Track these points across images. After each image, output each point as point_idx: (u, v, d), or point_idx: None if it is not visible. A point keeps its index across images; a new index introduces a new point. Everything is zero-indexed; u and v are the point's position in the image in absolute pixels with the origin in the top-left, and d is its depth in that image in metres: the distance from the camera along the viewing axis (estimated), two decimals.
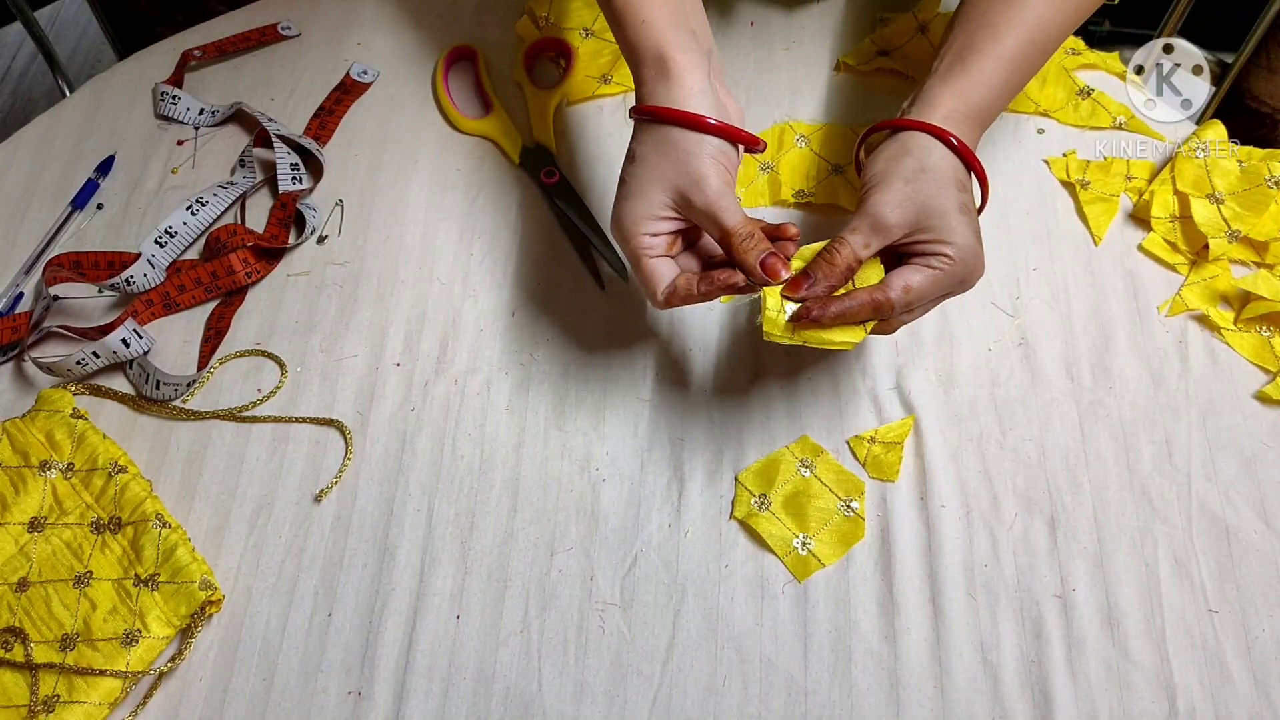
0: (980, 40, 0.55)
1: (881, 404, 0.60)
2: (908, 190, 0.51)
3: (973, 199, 0.53)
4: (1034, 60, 0.57)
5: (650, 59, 0.53)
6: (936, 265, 0.51)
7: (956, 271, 0.51)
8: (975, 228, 0.52)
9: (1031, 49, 0.56)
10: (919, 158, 0.52)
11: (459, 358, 0.63)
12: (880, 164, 0.53)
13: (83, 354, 0.60)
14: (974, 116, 0.54)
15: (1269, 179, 0.65)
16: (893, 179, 0.51)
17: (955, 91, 0.54)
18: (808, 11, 0.78)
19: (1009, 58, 0.55)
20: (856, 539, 0.56)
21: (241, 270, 0.65)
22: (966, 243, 0.51)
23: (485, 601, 0.55)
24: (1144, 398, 0.60)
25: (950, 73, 0.55)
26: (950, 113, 0.53)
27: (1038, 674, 0.52)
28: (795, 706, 0.52)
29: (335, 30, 0.78)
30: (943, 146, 0.52)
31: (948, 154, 0.52)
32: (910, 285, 0.50)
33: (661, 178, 0.52)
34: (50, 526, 0.56)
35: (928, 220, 0.51)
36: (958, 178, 0.52)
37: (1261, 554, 0.56)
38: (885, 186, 0.51)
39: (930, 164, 0.52)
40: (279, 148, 0.69)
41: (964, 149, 0.52)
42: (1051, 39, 0.57)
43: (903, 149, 0.52)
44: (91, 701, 0.51)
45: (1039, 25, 0.56)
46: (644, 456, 0.59)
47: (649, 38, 0.54)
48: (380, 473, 0.59)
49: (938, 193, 0.51)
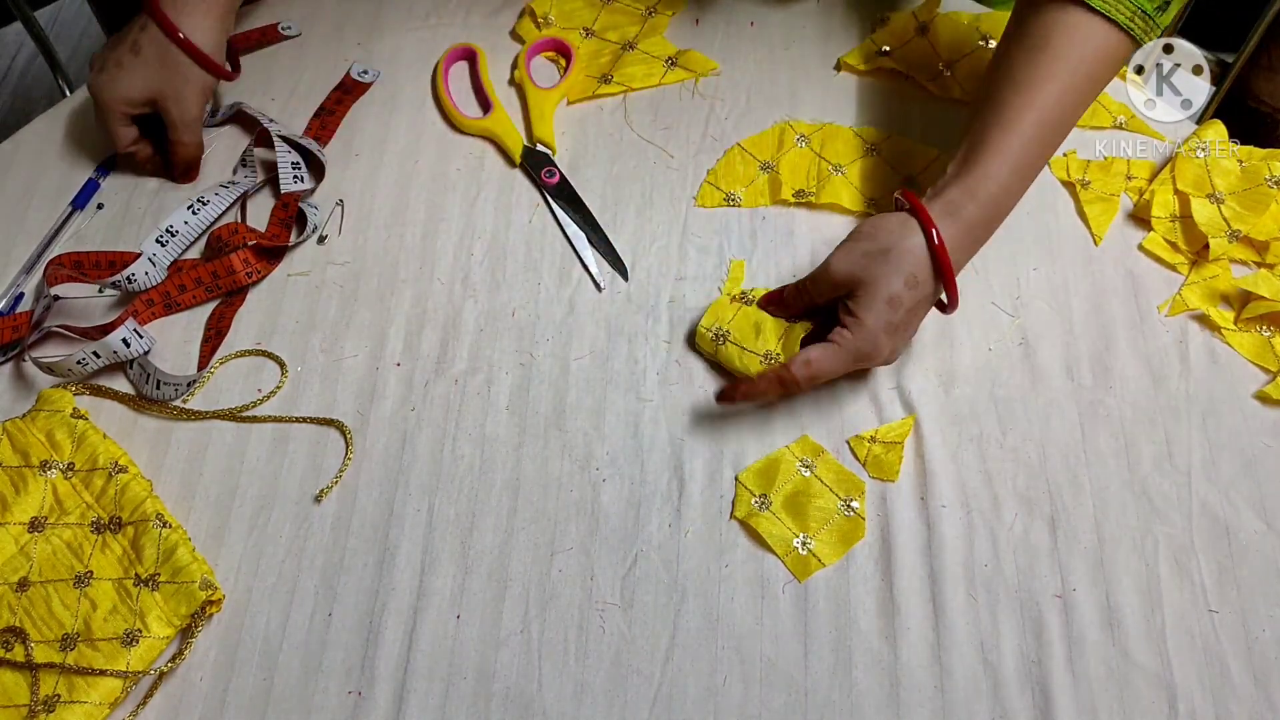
0: (990, 131, 0.57)
1: (881, 404, 0.60)
2: (861, 261, 0.56)
3: (918, 296, 0.56)
4: (1049, 142, 0.59)
5: None
6: (836, 338, 0.56)
7: (850, 347, 0.56)
8: (894, 320, 0.55)
9: (1044, 131, 0.57)
10: (894, 239, 0.56)
11: (459, 358, 0.63)
12: (867, 226, 0.58)
13: (83, 354, 0.60)
14: (982, 210, 0.57)
15: (1269, 179, 0.65)
16: (858, 246, 0.57)
17: (965, 187, 0.57)
18: (808, 11, 0.78)
19: (1019, 146, 0.57)
20: (857, 538, 0.56)
21: (242, 270, 0.65)
22: (871, 326, 0.55)
23: (485, 601, 0.55)
24: (1144, 397, 0.60)
25: (965, 163, 0.58)
26: (953, 208, 0.56)
27: (1038, 674, 0.53)
28: (795, 706, 0.52)
29: (335, 30, 0.78)
30: (921, 238, 0.55)
31: (920, 246, 0.56)
32: (810, 359, 0.56)
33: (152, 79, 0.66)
34: (50, 526, 0.56)
35: (858, 291, 0.56)
36: (913, 272, 0.55)
37: (1262, 554, 0.56)
38: (848, 248, 0.57)
39: (899, 249, 0.55)
40: (280, 147, 0.69)
41: (941, 250, 0.55)
42: (1065, 121, 0.58)
43: (889, 225, 0.57)
44: (92, 701, 0.51)
45: (1051, 109, 0.57)
46: (644, 456, 0.59)
47: None
48: (380, 473, 0.59)
49: (882, 276, 0.55)
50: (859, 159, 0.69)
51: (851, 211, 0.67)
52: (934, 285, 0.56)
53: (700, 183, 0.69)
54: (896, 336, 0.56)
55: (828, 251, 0.66)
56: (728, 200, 0.68)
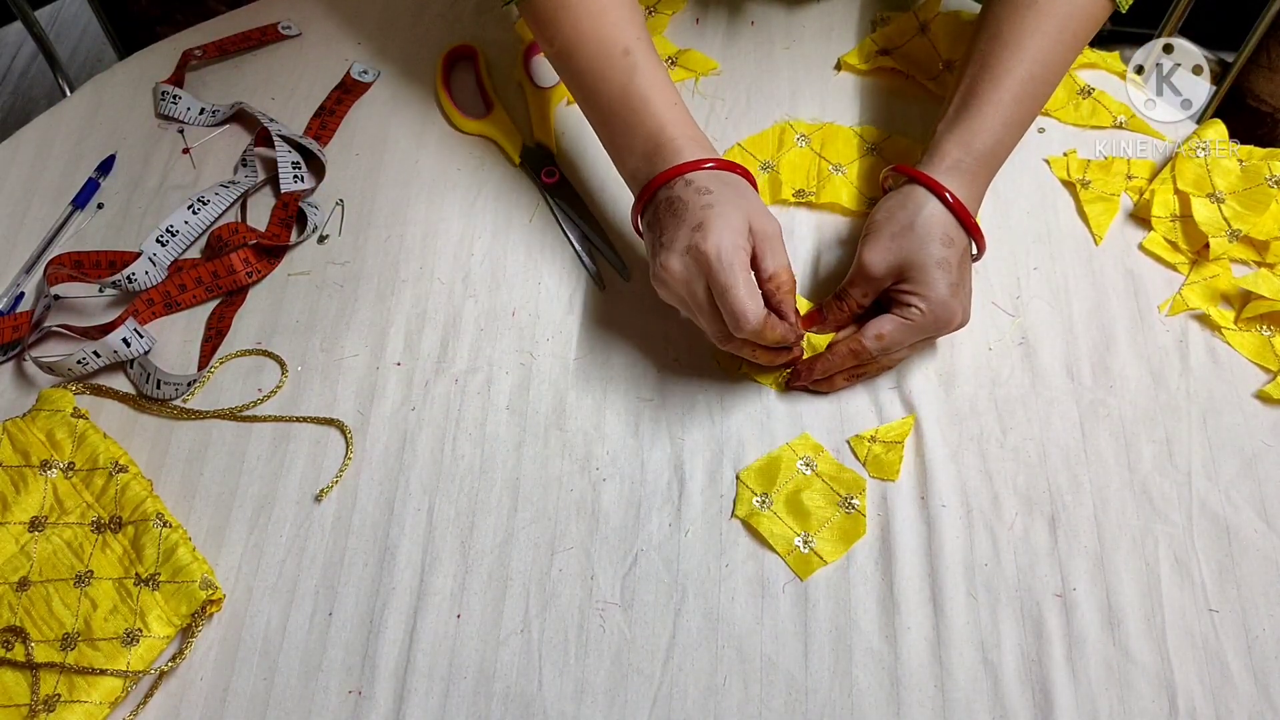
0: (982, 85, 0.59)
1: (882, 403, 0.60)
2: (893, 245, 0.57)
3: (959, 251, 0.57)
4: (1038, 95, 0.60)
5: (693, 134, 0.59)
6: (908, 315, 0.56)
7: (928, 321, 0.56)
8: (953, 280, 0.56)
9: (1033, 85, 0.59)
10: (912, 211, 0.57)
11: (459, 357, 0.63)
12: (879, 214, 0.59)
13: (83, 353, 0.60)
14: (979, 163, 0.58)
15: (1269, 178, 0.65)
16: (882, 233, 0.57)
17: (959, 141, 0.58)
18: (808, 11, 0.78)
19: (1010, 100, 0.59)
20: (858, 536, 0.56)
21: (242, 270, 0.65)
22: (940, 295, 0.55)
23: (486, 601, 0.55)
24: (1144, 397, 0.60)
25: (955, 121, 0.59)
26: (955, 164, 0.58)
27: (1038, 673, 0.52)
28: (796, 705, 0.52)
29: (335, 30, 0.78)
30: (938, 202, 0.57)
31: (939, 209, 0.57)
32: (883, 332, 0.56)
33: (739, 206, 0.55)
34: (51, 526, 0.56)
35: (908, 273, 0.56)
36: (945, 232, 0.56)
37: (1262, 553, 0.56)
38: (875, 240, 0.58)
39: (921, 218, 0.56)
40: (280, 147, 0.69)
41: (958, 205, 0.57)
42: (1053, 72, 0.61)
43: (901, 202, 0.58)
44: (92, 701, 0.51)
45: (1039, 62, 0.59)
46: (644, 456, 0.59)
47: (686, 119, 0.59)
48: (381, 472, 0.59)
49: (920, 248, 0.56)
50: (859, 159, 0.69)
51: (851, 211, 0.67)
52: (965, 238, 0.58)
53: None
54: (962, 294, 0.57)
55: (828, 251, 0.66)
56: None
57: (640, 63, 0.59)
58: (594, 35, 0.60)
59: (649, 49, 0.60)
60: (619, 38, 0.60)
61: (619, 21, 0.60)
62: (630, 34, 0.60)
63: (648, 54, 0.60)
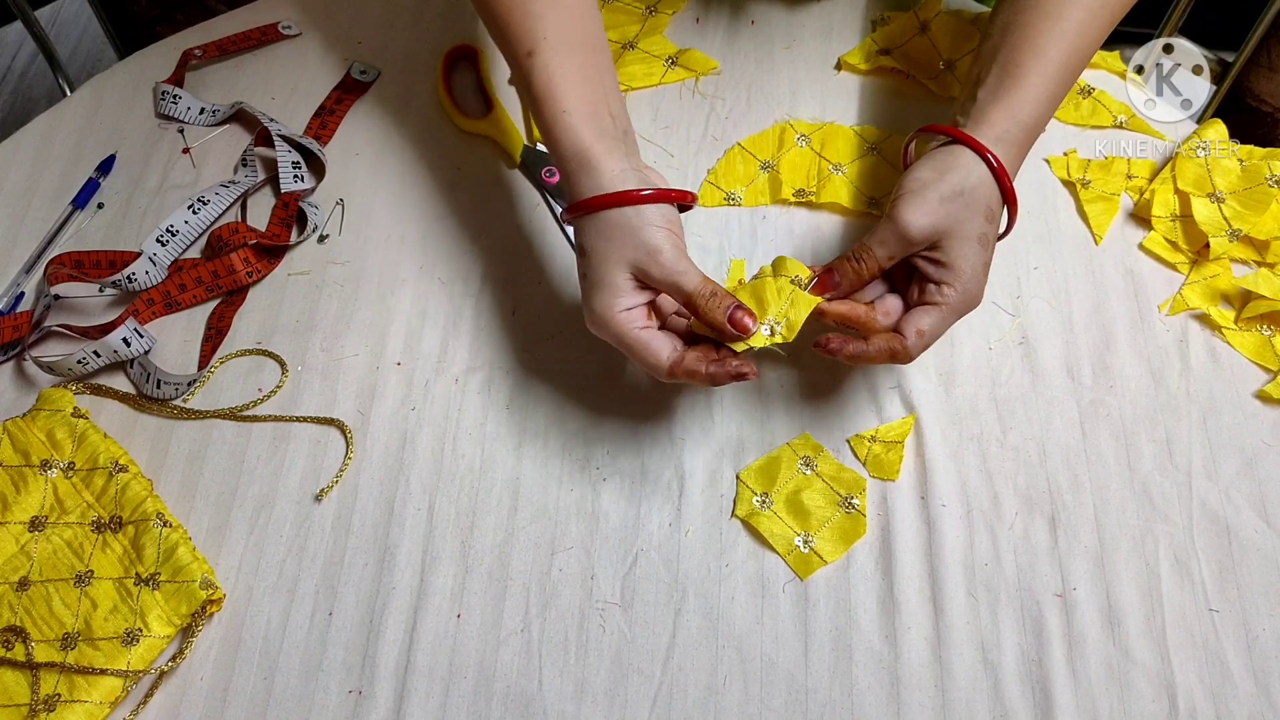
0: (1024, 55, 0.56)
1: (882, 403, 0.60)
2: (941, 210, 0.52)
3: (995, 228, 0.54)
4: (1076, 69, 0.58)
5: (571, 155, 0.54)
6: (940, 299, 0.52)
7: (960, 304, 0.53)
8: (986, 259, 0.53)
9: (1075, 58, 0.57)
10: (962, 176, 0.53)
11: (459, 357, 0.63)
12: (923, 173, 0.53)
13: (83, 353, 0.60)
14: (1024, 135, 0.55)
15: (1269, 178, 0.65)
16: (929, 193, 0.52)
17: (1007, 110, 0.55)
18: (808, 10, 0.78)
19: (1054, 71, 0.56)
20: (858, 536, 0.56)
21: (242, 269, 0.65)
22: (973, 272, 0.52)
23: (486, 600, 0.55)
24: (1145, 397, 0.60)
25: (1000, 88, 0.56)
26: (1003, 134, 0.54)
27: (1038, 673, 0.52)
28: (796, 705, 0.52)
29: (335, 30, 0.78)
30: (985, 168, 0.53)
31: (988, 177, 0.53)
32: (923, 329, 0.52)
33: (618, 259, 0.52)
34: (51, 526, 0.56)
35: (947, 241, 0.52)
36: (989, 205, 0.53)
37: (1262, 553, 0.56)
38: (919, 199, 0.52)
39: (970, 185, 0.53)
40: (280, 147, 0.69)
41: (1003, 174, 0.53)
42: (1091, 45, 0.58)
43: (949, 164, 0.53)
44: (92, 700, 0.52)
45: (1079, 34, 0.57)
46: (644, 456, 0.59)
47: (568, 133, 0.54)
48: (381, 472, 0.59)
49: (967, 219, 0.52)
50: (859, 158, 0.69)
51: (851, 211, 0.67)
52: (1001, 211, 0.55)
53: (700, 182, 0.69)
54: (985, 276, 0.54)
55: (828, 251, 0.66)
56: (728, 199, 0.68)
57: (538, 68, 0.55)
58: (503, 33, 0.57)
59: (560, 47, 0.55)
60: (525, 38, 0.55)
61: (534, 17, 0.55)
62: (539, 32, 0.55)
63: (554, 55, 0.55)
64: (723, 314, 0.51)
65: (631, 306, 0.53)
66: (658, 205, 0.52)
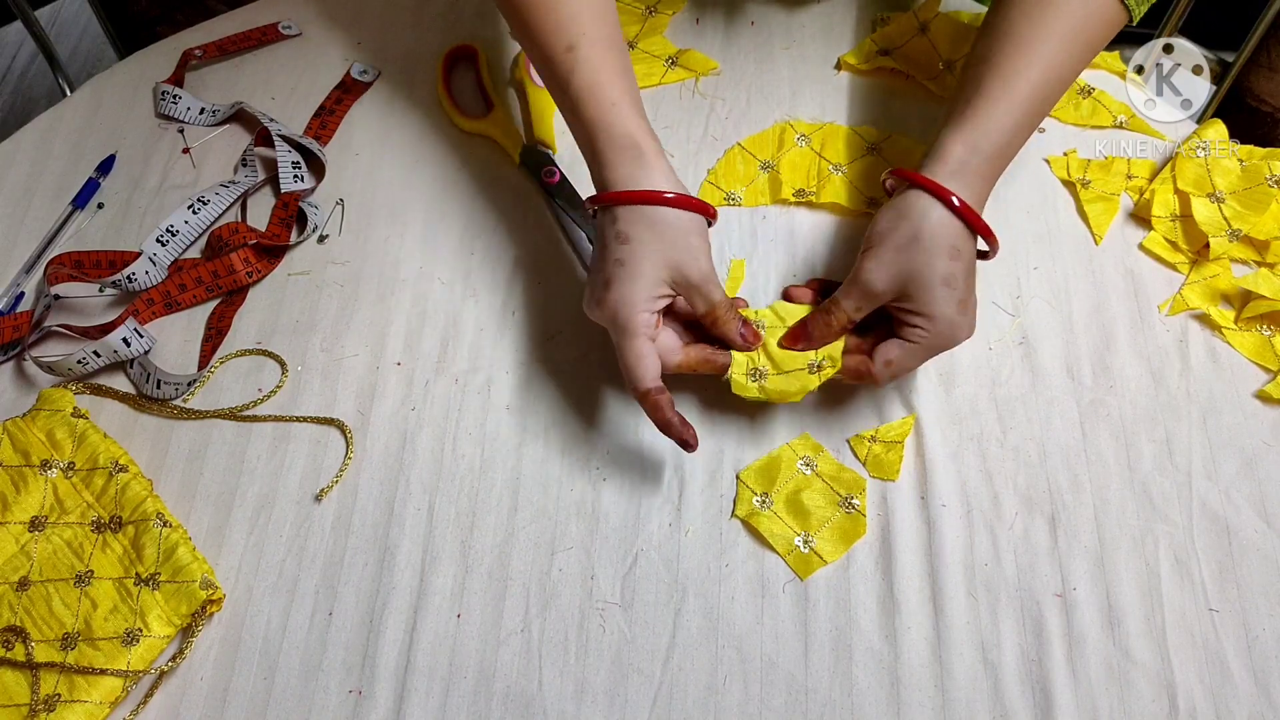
0: (991, 86, 0.57)
1: (881, 403, 0.60)
2: (898, 259, 0.54)
3: (966, 263, 0.55)
4: (1047, 100, 0.58)
5: (623, 143, 0.55)
6: (913, 338, 0.54)
7: (933, 342, 0.54)
8: (960, 296, 0.54)
9: (1044, 90, 0.57)
10: (915, 222, 0.54)
11: (459, 357, 0.63)
12: (881, 225, 0.55)
13: (83, 353, 0.60)
14: (986, 163, 0.56)
15: (1269, 178, 0.65)
16: (886, 246, 0.54)
17: (965, 141, 0.56)
18: (808, 10, 0.78)
19: (1019, 101, 0.56)
20: (858, 536, 0.56)
21: (242, 269, 0.65)
22: (945, 314, 0.53)
23: (486, 600, 0.55)
24: (1145, 397, 0.60)
25: (961, 120, 0.56)
26: (960, 165, 0.55)
27: (1038, 673, 0.53)
28: (796, 705, 0.52)
29: (335, 30, 0.78)
30: (943, 208, 0.54)
31: (946, 216, 0.54)
32: (891, 360, 0.55)
33: (660, 254, 0.54)
34: (51, 526, 0.56)
35: (912, 289, 0.54)
36: (952, 243, 0.54)
37: (1262, 553, 0.56)
38: (877, 253, 0.55)
39: (926, 229, 0.54)
40: (280, 147, 0.69)
41: (965, 209, 0.54)
42: (1063, 79, 0.58)
43: (903, 212, 0.55)
44: (92, 700, 0.51)
45: (1050, 68, 0.57)
46: (644, 455, 0.59)
47: (622, 122, 0.55)
48: (381, 472, 0.59)
49: (926, 263, 0.53)
50: (859, 158, 0.69)
51: (851, 211, 0.67)
52: (972, 242, 0.55)
53: (700, 182, 0.69)
54: (967, 309, 0.55)
55: (828, 251, 0.66)
56: (728, 199, 0.68)
57: (581, 60, 0.56)
58: (539, 29, 0.57)
59: (599, 43, 0.57)
60: (563, 33, 0.56)
61: (570, 16, 0.57)
62: (577, 29, 0.56)
63: (594, 49, 0.56)
64: (735, 329, 0.56)
65: (657, 297, 0.54)
66: (701, 216, 0.55)
